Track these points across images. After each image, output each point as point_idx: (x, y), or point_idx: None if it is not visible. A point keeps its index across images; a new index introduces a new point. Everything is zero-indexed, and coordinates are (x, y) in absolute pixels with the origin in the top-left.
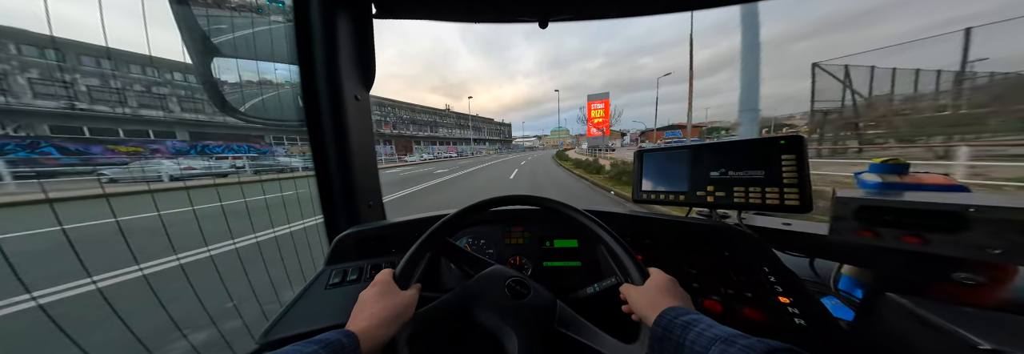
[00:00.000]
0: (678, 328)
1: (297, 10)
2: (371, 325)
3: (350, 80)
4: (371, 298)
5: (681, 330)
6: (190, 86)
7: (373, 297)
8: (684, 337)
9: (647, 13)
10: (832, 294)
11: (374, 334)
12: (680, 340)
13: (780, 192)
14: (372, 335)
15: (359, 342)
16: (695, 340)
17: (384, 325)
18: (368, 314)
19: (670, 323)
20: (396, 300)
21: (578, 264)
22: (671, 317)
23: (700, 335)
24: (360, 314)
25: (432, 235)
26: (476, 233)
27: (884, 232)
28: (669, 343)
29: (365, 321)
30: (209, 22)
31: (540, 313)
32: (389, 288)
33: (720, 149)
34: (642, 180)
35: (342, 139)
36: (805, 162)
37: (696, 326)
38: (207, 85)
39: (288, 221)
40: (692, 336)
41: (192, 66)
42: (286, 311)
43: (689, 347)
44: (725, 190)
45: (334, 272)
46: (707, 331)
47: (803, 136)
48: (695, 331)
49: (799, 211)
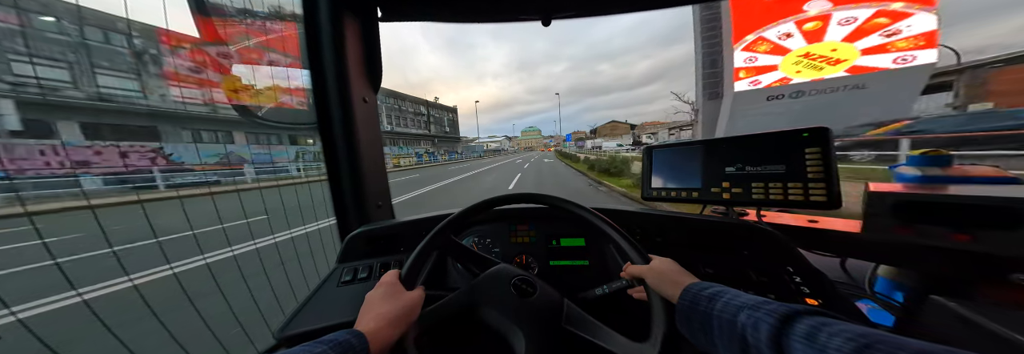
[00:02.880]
0: (704, 300)
1: (306, 15)
2: (378, 326)
3: (358, 83)
4: (377, 299)
5: (708, 301)
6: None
7: (379, 298)
8: (711, 307)
9: (648, 8)
10: (868, 297)
11: (382, 334)
12: (707, 310)
13: (804, 187)
14: (380, 336)
15: (368, 342)
16: (723, 309)
17: (391, 325)
18: (375, 315)
19: (696, 296)
20: (402, 301)
21: (586, 263)
22: (696, 290)
23: (727, 304)
24: (367, 314)
25: (436, 235)
26: (482, 232)
27: (926, 229)
28: (696, 314)
29: (372, 322)
30: (227, 30)
31: (547, 312)
32: (395, 289)
33: (736, 143)
34: (651, 177)
35: (351, 141)
36: (832, 155)
37: (723, 296)
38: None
39: (303, 223)
40: (719, 306)
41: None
42: (300, 308)
43: (717, 316)
44: (742, 186)
45: (345, 270)
46: (734, 300)
47: (828, 128)
48: (722, 301)
49: (826, 208)
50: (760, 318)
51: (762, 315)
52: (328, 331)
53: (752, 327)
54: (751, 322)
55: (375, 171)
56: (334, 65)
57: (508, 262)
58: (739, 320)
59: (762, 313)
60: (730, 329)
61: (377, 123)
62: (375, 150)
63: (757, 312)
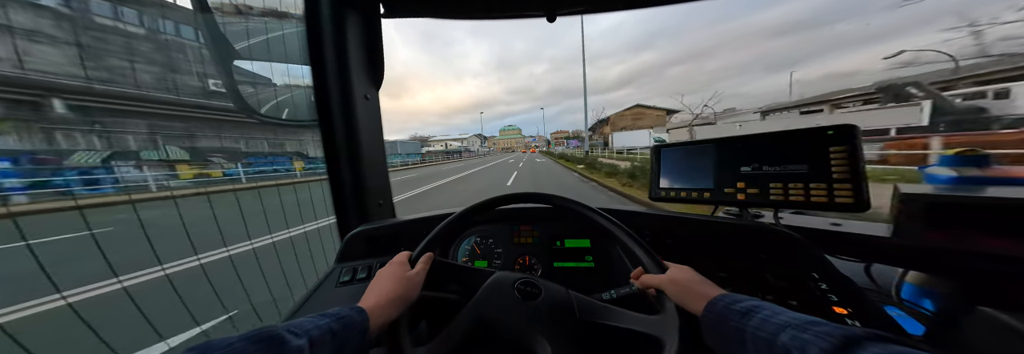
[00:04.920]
0: (737, 314)
1: (308, 12)
2: (379, 303)
3: (360, 80)
4: (385, 276)
5: (741, 316)
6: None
7: (386, 275)
8: (745, 323)
9: (654, 4)
10: (893, 305)
11: (382, 313)
12: (739, 326)
13: (828, 188)
14: (380, 313)
15: (368, 318)
16: (760, 326)
17: (390, 304)
18: (378, 293)
19: (726, 309)
20: (405, 281)
21: (591, 265)
22: (726, 303)
23: (765, 321)
24: (372, 291)
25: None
26: (484, 232)
27: (964, 234)
28: (725, 329)
29: (374, 299)
30: (227, 28)
31: (559, 309)
32: (401, 269)
33: (753, 142)
34: (660, 177)
35: (353, 138)
36: (859, 155)
37: (759, 312)
38: (230, 89)
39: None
40: (755, 322)
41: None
42: (297, 308)
43: (752, 333)
44: (759, 187)
45: (344, 270)
46: (774, 317)
47: (856, 125)
48: (759, 317)
49: (853, 210)
50: (809, 341)
51: (811, 337)
52: None
53: (799, 350)
54: (797, 344)
55: (376, 169)
56: (336, 62)
57: (511, 263)
58: (780, 340)
59: (811, 335)
60: (768, 349)
61: (379, 120)
62: (376, 148)
63: (804, 333)
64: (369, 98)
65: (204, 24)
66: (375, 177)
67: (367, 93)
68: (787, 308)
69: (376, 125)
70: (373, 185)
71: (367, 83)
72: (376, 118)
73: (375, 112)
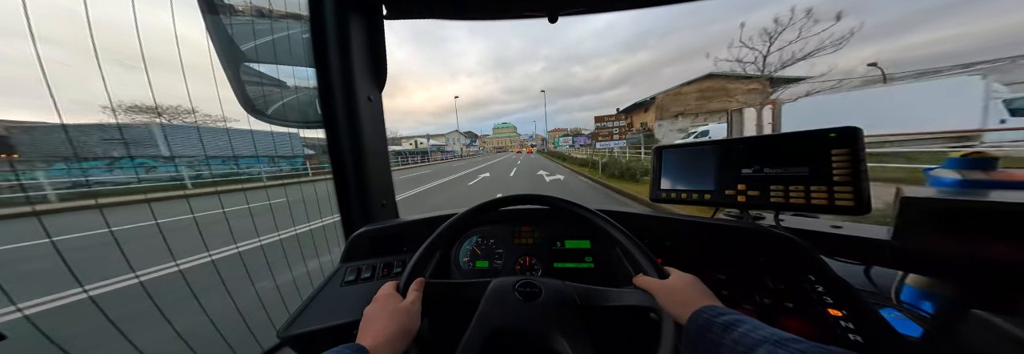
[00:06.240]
0: (718, 327)
1: (313, 14)
2: (379, 343)
3: (363, 81)
4: (375, 314)
5: (721, 330)
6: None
7: (377, 313)
8: (724, 337)
9: (657, 4)
10: (892, 307)
11: (385, 351)
12: (718, 339)
13: (829, 191)
14: (383, 351)
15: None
16: (738, 340)
17: (392, 341)
18: (374, 331)
19: (708, 322)
20: (400, 315)
21: (591, 265)
22: (709, 316)
23: (745, 336)
24: (367, 330)
25: (435, 239)
26: (485, 233)
27: (966, 237)
28: (705, 342)
29: (371, 338)
30: (234, 30)
31: (563, 304)
32: (392, 302)
33: (755, 144)
34: (661, 178)
35: (357, 139)
36: (861, 157)
37: (739, 326)
38: (237, 91)
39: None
40: (735, 336)
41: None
42: (304, 308)
43: (730, 347)
44: (759, 189)
45: (349, 269)
46: (753, 332)
47: (859, 128)
48: (739, 332)
49: (853, 213)
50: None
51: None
52: (331, 331)
53: None
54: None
55: (379, 169)
56: (339, 63)
57: (512, 264)
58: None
59: (787, 352)
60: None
61: (382, 121)
62: (379, 148)
63: (781, 349)
64: (372, 99)
65: (212, 26)
66: (379, 177)
67: (370, 94)
68: (784, 310)
69: (379, 126)
70: (376, 186)
71: (370, 84)
72: (379, 119)
73: (378, 113)
